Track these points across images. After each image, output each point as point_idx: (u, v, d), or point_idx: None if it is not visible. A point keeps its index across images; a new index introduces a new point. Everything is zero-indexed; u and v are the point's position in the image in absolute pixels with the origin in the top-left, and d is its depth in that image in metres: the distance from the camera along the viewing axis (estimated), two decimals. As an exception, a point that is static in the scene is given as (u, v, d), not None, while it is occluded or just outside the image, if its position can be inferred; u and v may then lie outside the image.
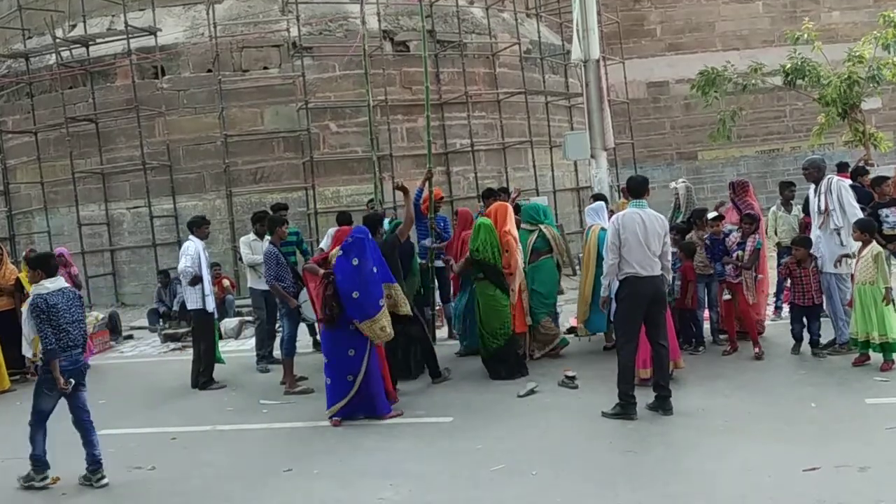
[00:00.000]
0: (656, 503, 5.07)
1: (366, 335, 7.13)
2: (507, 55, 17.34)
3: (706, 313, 9.11)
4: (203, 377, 8.99)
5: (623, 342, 6.83)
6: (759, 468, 5.41)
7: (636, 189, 7.02)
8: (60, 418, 8.30)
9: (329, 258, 7.39)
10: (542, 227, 9.06)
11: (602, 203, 9.64)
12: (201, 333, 9.07)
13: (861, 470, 5.23)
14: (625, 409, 6.67)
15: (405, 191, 8.50)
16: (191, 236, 9.15)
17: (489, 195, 10.17)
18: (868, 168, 13.73)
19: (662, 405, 6.74)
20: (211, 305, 9.03)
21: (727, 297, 8.50)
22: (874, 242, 7.68)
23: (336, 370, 7.23)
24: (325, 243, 10.24)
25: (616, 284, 6.86)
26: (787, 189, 10.51)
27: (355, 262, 7.13)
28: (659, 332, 6.85)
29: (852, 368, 7.64)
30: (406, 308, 7.60)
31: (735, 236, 8.75)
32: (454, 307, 9.65)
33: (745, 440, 6.00)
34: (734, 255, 8.54)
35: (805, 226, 10.04)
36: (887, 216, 9.78)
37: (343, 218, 10.15)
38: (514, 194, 10.24)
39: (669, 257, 6.99)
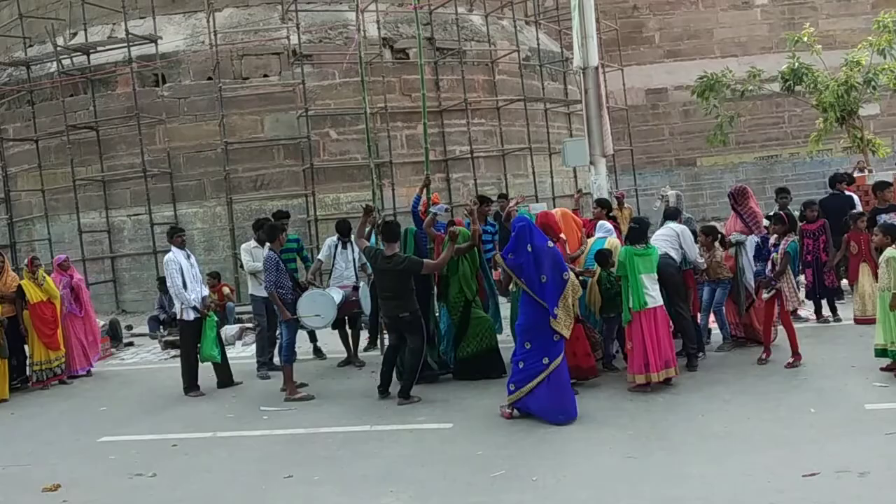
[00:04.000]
0: (656, 508, 5.09)
1: (559, 328, 6.92)
2: (507, 62, 17.40)
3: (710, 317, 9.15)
4: (184, 382, 9.12)
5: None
6: (759, 473, 5.42)
7: (672, 214, 9.20)
8: (58, 425, 8.37)
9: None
10: None
11: (608, 224, 9.55)
12: (182, 341, 9.30)
13: (861, 475, 5.24)
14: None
15: (454, 237, 8.33)
16: (172, 248, 9.23)
17: (483, 202, 10.19)
18: (861, 172, 13.80)
19: (689, 362, 8.22)
20: (191, 314, 9.08)
21: (766, 294, 8.37)
22: (892, 247, 7.50)
23: (533, 355, 6.96)
24: (323, 254, 10.25)
25: None
26: (781, 196, 10.55)
27: (529, 248, 7.02)
28: (672, 300, 8.20)
29: (852, 374, 7.64)
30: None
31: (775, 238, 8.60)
32: (442, 325, 9.06)
33: (745, 445, 6.01)
34: (770, 256, 8.48)
35: (803, 232, 10.08)
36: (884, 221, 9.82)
37: (342, 226, 10.18)
38: (518, 200, 10.08)
39: (694, 252, 8.67)
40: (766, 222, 8.89)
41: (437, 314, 9.00)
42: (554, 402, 6.89)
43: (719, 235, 9.01)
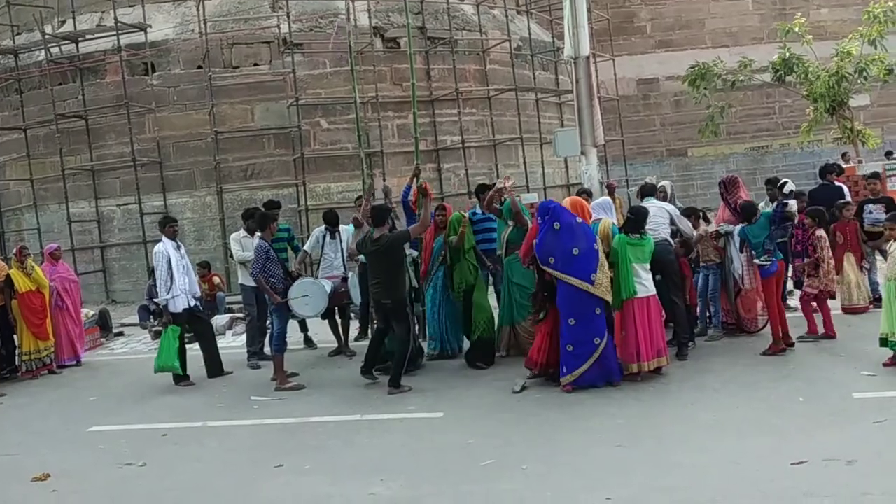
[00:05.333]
0: (646, 497, 5.09)
1: (599, 293, 7.27)
2: (498, 52, 17.36)
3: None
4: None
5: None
6: (748, 462, 5.45)
7: (649, 191, 9.21)
8: (48, 414, 8.36)
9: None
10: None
11: (609, 199, 9.61)
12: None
13: (848, 463, 5.27)
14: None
15: (426, 193, 8.39)
16: (163, 237, 9.18)
17: (482, 190, 10.14)
18: (843, 163, 13.87)
19: (679, 352, 8.21)
20: (178, 306, 9.03)
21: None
22: None
23: (580, 333, 7.24)
24: (309, 245, 10.22)
25: None
26: (770, 187, 10.57)
27: (556, 226, 7.34)
28: (669, 288, 8.29)
29: (840, 363, 7.68)
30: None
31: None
32: (428, 309, 9.21)
33: (734, 434, 6.04)
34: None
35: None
36: (870, 212, 9.86)
37: (330, 216, 10.15)
38: (504, 182, 9.35)
39: (687, 226, 8.78)
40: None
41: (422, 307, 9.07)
42: (602, 371, 7.35)
43: (700, 213, 9.21)
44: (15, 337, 10.19)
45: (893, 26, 16.26)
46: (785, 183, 9.03)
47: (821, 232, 8.64)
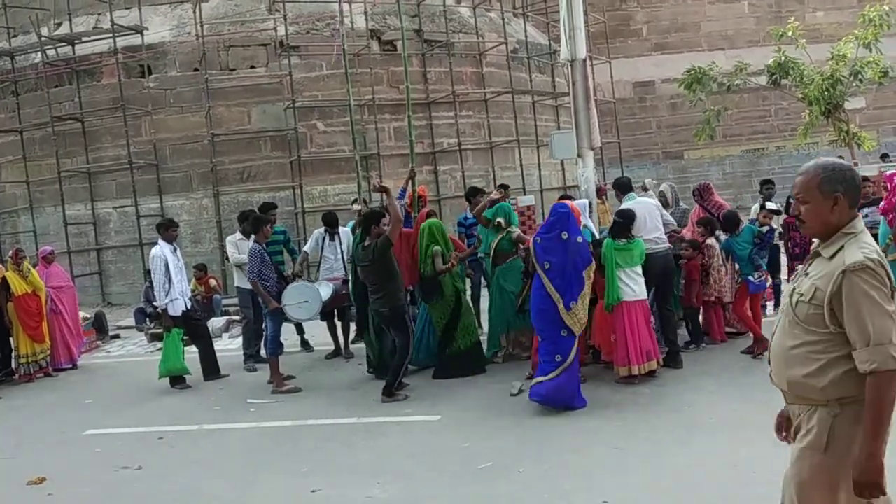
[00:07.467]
0: (643, 499, 5.10)
1: (570, 323, 6.95)
2: (494, 54, 17.38)
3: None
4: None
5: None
6: (746, 464, 5.44)
7: (625, 187, 8.65)
8: (44, 417, 8.34)
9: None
10: (509, 228, 8.92)
11: (586, 202, 9.64)
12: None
13: (845, 465, 5.27)
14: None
15: (387, 191, 8.39)
16: (159, 240, 9.14)
17: (474, 194, 10.14)
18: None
19: (672, 360, 7.97)
20: (178, 309, 9.00)
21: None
22: None
23: (545, 347, 7.03)
24: (309, 246, 10.21)
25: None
26: (765, 187, 10.63)
27: (564, 236, 7.05)
28: (666, 299, 8.23)
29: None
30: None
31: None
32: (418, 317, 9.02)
33: (732, 436, 6.03)
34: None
35: (789, 226, 10.13)
36: (866, 215, 9.88)
37: (329, 218, 10.14)
38: (499, 195, 9.66)
39: (673, 222, 8.80)
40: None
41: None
42: (559, 393, 6.92)
43: None
44: (11, 340, 10.16)
45: (888, 29, 16.29)
46: (768, 203, 9.15)
47: (711, 241, 8.69)
